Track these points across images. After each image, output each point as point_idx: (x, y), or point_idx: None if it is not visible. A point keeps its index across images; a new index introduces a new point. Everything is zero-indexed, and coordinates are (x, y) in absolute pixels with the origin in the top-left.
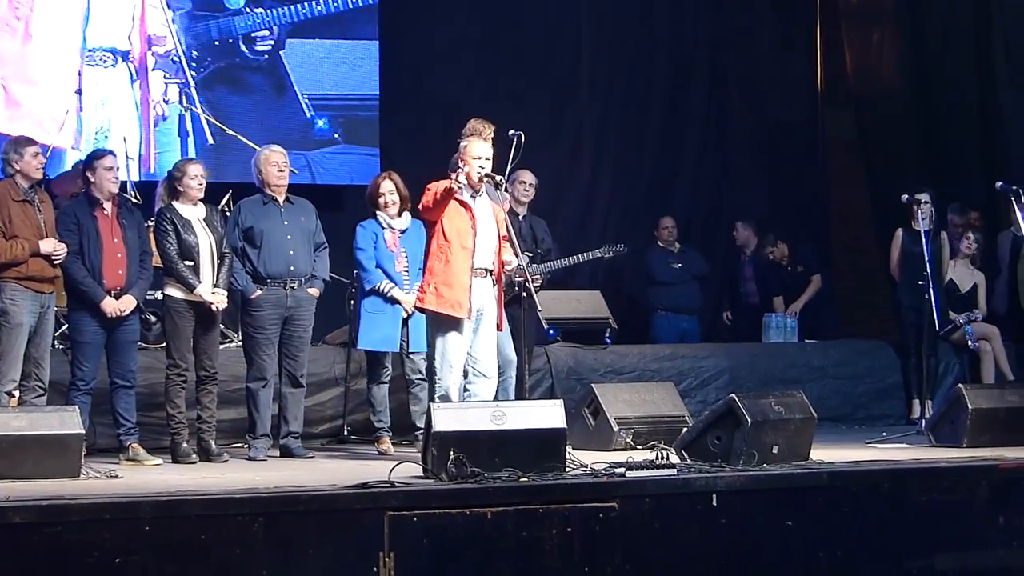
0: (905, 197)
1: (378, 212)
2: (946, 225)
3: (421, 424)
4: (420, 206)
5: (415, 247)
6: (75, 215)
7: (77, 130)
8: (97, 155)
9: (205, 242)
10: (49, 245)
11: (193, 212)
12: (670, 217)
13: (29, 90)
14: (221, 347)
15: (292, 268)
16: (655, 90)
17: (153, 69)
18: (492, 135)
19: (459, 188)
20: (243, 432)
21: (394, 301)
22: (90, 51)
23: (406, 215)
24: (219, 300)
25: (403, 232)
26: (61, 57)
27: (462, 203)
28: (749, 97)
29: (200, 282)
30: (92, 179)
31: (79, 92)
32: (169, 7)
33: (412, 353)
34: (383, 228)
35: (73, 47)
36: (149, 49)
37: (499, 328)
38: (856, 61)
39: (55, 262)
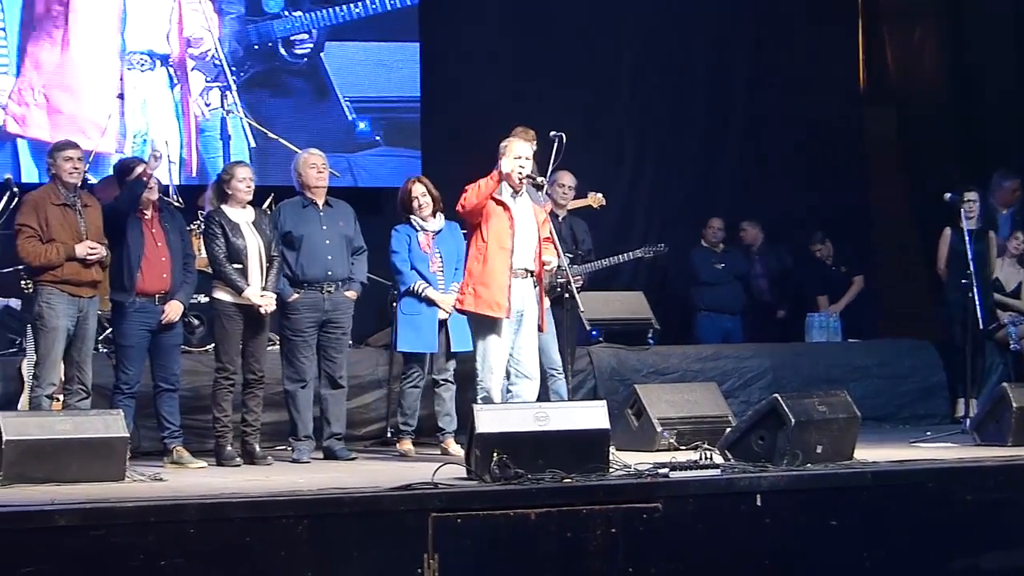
0: (948, 196)
1: (411, 215)
2: (993, 207)
3: (444, 425)
4: (460, 206)
5: (449, 248)
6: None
7: (120, 134)
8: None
9: (253, 245)
10: (83, 249)
11: (242, 215)
12: (719, 218)
13: (70, 97)
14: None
15: (330, 272)
16: (695, 90)
17: (192, 72)
18: (534, 140)
19: (503, 177)
20: (286, 435)
21: (429, 302)
22: (129, 54)
23: (439, 216)
24: (268, 303)
25: (437, 233)
26: (100, 62)
27: (501, 203)
28: (789, 96)
29: (248, 285)
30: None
31: (121, 96)
32: (211, 10)
33: (455, 353)
34: (416, 230)
35: (112, 51)
36: (188, 52)
37: (542, 329)
38: (897, 60)
39: (90, 263)
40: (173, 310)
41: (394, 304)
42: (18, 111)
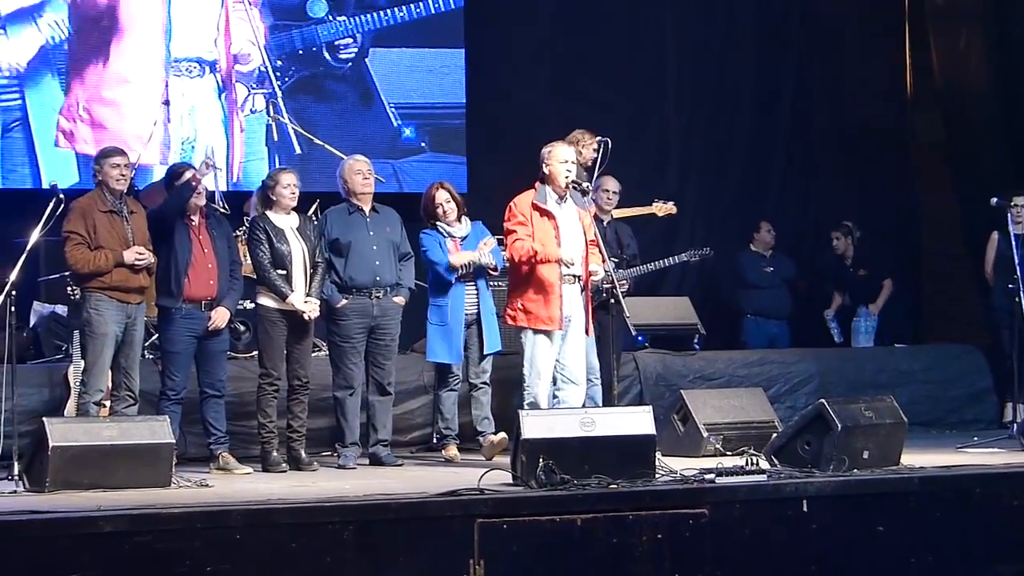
0: (995, 200)
1: (437, 223)
2: None
3: (481, 428)
4: (515, 257)
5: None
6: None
7: (164, 143)
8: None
9: (298, 251)
10: (131, 255)
11: (286, 221)
12: (768, 222)
13: (112, 111)
14: (311, 356)
15: (378, 278)
16: (741, 94)
17: (238, 78)
18: (589, 142)
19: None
20: (332, 441)
21: (479, 269)
22: (175, 61)
23: (465, 221)
24: (311, 309)
25: (463, 239)
26: (143, 73)
27: (545, 212)
28: (836, 101)
29: (292, 291)
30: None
31: (167, 103)
32: (256, 16)
33: (488, 354)
34: (444, 237)
35: (156, 61)
36: (234, 58)
37: (587, 333)
38: (943, 64)
39: (138, 269)
40: (220, 317)
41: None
42: (67, 127)
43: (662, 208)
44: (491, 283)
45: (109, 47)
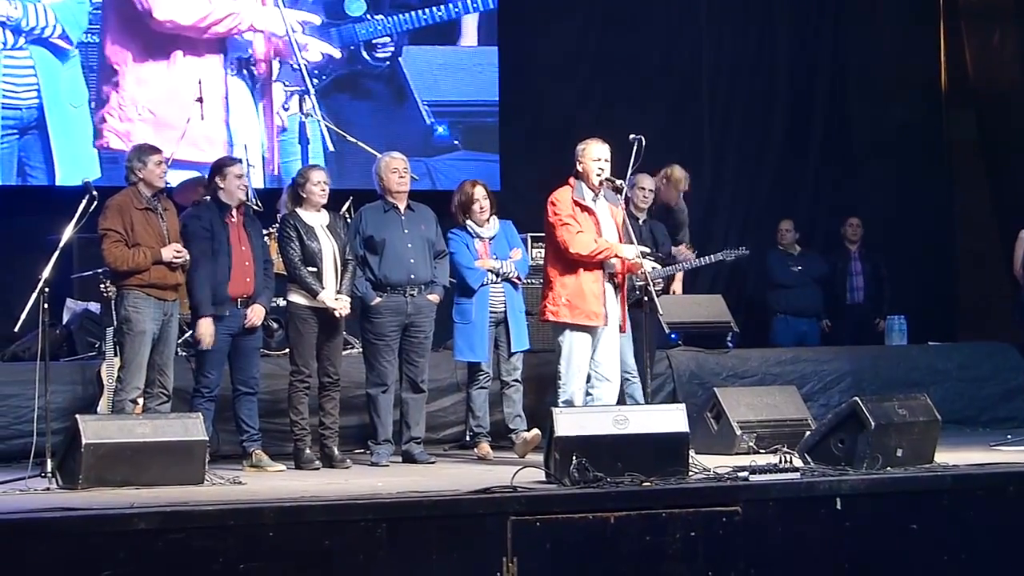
0: None
1: (468, 221)
2: None
3: (514, 426)
4: (574, 252)
5: (504, 252)
6: (208, 220)
7: (183, 139)
8: (227, 162)
9: (328, 248)
10: (169, 253)
11: (316, 219)
12: (789, 220)
13: (144, 108)
14: (343, 354)
15: (412, 276)
16: (776, 93)
17: (275, 77)
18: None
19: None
20: (365, 438)
21: (504, 278)
22: (208, 56)
23: (493, 220)
24: (342, 306)
25: (492, 239)
26: (176, 71)
27: (586, 208)
28: (871, 99)
29: (323, 288)
30: (222, 185)
31: (200, 100)
32: (292, 15)
33: (513, 354)
34: (472, 237)
35: (190, 58)
36: (269, 57)
37: (622, 330)
38: (976, 61)
39: (175, 267)
40: (256, 314)
41: None
42: (121, 127)
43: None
44: (524, 280)
45: (140, 45)
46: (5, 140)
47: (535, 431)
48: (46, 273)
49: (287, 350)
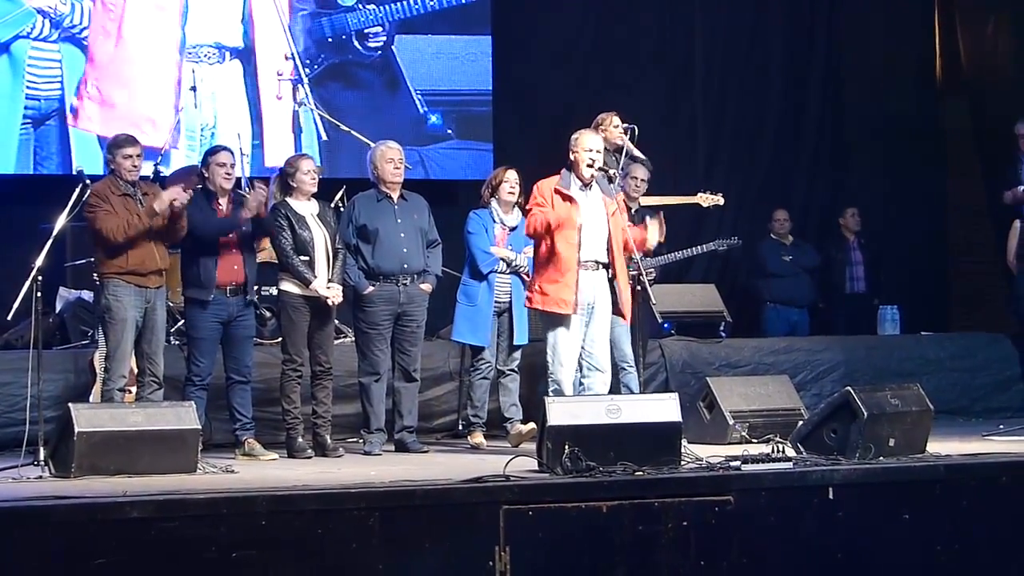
0: (1022, 188)
1: (494, 203)
2: None
3: (510, 415)
4: (531, 230)
5: (520, 246)
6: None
7: (176, 129)
8: (211, 151)
9: (320, 237)
10: (167, 197)
11: (307, 208)
12: (783, 209)
13: (123, 92)
14: (336, 343)
15: (405, 265)
16: (770, 81)
17: (264, 65)
18: (616, 123)
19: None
20: (358, 427)
21: (514, 271)
22: (194, 47)
23: (516, 211)
24: (335, 295)
25: (512, 230)
26: (157, 57)
27: (568, 198)
28: (865, 88)
29: (316, 277)
30: (206, 174)
31: (193, 89)
32: (283, 3)
33: (518, 346)
34: (494, 222)
35: (171, 46)
36: (260, 45)
37: (624, 318)
38: (970, 51)
39: (176, 210)
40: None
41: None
42: (76, 104)
43: (708, 199)
44: (531, 277)
45: (121, 27)
46: (23, 129)
47: (531, 424)
48: (39, 261)
49: (280, 339)
